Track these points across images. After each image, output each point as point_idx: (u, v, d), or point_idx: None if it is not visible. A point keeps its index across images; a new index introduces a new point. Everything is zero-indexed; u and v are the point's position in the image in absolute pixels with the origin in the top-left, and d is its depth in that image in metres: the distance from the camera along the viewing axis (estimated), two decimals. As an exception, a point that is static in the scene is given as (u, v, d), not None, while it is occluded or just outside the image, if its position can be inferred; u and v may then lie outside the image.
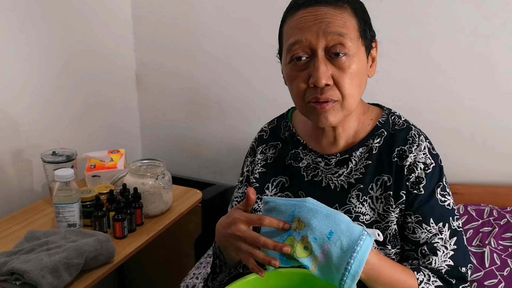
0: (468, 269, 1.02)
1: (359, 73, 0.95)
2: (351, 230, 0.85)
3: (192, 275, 1.74)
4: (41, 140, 1.82)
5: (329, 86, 0.93)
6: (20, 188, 1.76)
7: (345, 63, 0.93)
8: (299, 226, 0.87)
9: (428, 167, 1.01)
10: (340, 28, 0.92)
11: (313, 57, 0.94)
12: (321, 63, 0.92)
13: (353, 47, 0.93)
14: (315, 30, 0.92)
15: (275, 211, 0.90)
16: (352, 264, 0.83)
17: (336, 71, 0.93)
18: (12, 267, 1.20)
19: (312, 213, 0.87)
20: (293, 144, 1.12)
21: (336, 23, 0.92)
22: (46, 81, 1.83)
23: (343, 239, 0.84)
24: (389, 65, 1.84)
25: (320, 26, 0.92)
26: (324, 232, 0.85)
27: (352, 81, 0.94)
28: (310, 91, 0.95)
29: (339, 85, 0.94)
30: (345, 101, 0.95)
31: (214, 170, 2.33)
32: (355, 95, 0.96)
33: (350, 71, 0.93)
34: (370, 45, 1.00)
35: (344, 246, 0.84)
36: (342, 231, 0.85)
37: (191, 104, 2.29)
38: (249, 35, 2.07)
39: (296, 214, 0.87)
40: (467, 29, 1.74)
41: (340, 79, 0.93)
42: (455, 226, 1.01)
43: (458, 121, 1.84)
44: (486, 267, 1.54)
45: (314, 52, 0.93)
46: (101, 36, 2.09)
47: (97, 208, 1.49)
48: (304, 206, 0.88)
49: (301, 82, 0.96)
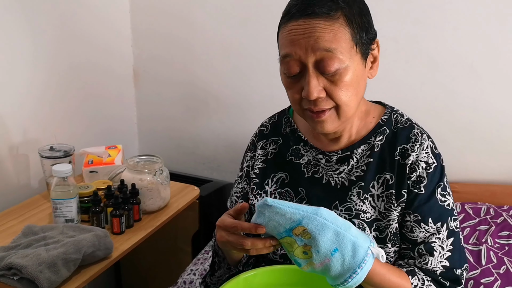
0: (463, 270, 1.02)
1: (354, 82, 0.93)
2: (356, 250, 0.84)
3: (189, 271, 1.74)
4: (38, 134, 1.81)
5: (321, 98, 0.92)
6: (17, 183, 1.75)
7: (335, 77, 0.91)
8: (303, 234, 0.84)
9: (430, 166, 1.00)
10: (329, 43, 0.88)
11: (304, 71, 0.92)
12: (311, 78, 0.91)
13: (345, 59, 0.90)
14: (304, 44, 0.89)
15: (278, 215, 0.85)
16: (349, 282, 0.84)
17: (328, 84, 0.92)
18: (9, 262, 1.20)
19: (321, 228, 0.83)
20: (294, 140, 1.11)
21: (325, 37, 0.88)
22: (43, 76, 1.82)
23: (346, 258, 0.84)
24: (388, 64, 1.84)
25: (309, 41, 0.89)
26: (329, 249, 0.83)
27: (347, 91, 0.93)
28: (304, 101, 0.95)
29: (333, 97, 0.93)
30: (340, 109, 0.94)
31: (211, 167, 2.33)
32: (351, 103, 0.94)
33: (342, 83, 0.91)
34: (368, 48, 0.96)
35: (346, 265, 0.84)
36: (347, 251, 0.84)
37: (189, 100, 2.28)
38: (248, 32, 2.06)
39: (304, 224, 0.84)
40: (466, 27, 1.74)
41: (333, 92, 0.92)
42: (453, 227, 1.01)
43: (456, 119, 1.84)
44: (483, 265, 1.55)
45: (304, 66, 0.92)
46: (98, 30, 2.08)
47: (95, 203, 1.49)
48: (315, 219, 0.83)
49: (295, 93, 0.96)
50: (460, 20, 1.74)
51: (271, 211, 0.86)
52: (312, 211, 0.85)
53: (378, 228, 1.01)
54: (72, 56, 1.95)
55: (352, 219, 1.01)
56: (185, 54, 2.22)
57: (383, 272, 0.92)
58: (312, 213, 0.84)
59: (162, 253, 2.09)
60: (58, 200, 1.44)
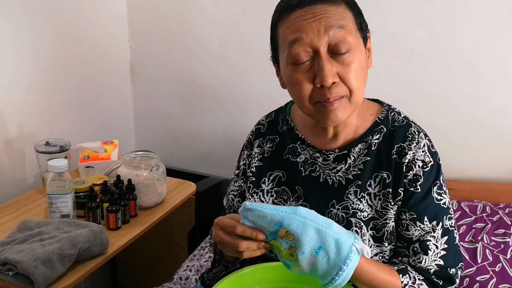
0: (458, 269, 1.02)
1: (362, 65, 0.95)
2: (340, 247, 0.85)
3: (185, 267, 1.74)
4: (34, 129, 1.80)
5: (335, 83, 0.92)
6: (12, 178, 1.74)
7: (348, 59, 0.92)
8: (287, 236, 0.85)
9: (426, 165, 1.00)
10: (340, 20, 0.92)
11: (316, 57, 0.92)
12: (325, 62, 0.91)
13: (354, 40, 0.93)
14: (315, 26, 0.91)
15: (259, 218, 0.86)
16: (337, 280, 0.85)
17: (341, 68, 0.92)
18: (4, 258, 1.20)
19: (302, 227, 0.85)
20: (291, 139, 1.10)
21: (335, 16, 0.91)
22: (39, 71, 1.81)
23: (330, 256, 0.84)
24: (386, 61, 1.84)
25: (320, 21, 0.91)
26: (313, 247, 0.85)
27: (357, 74, 0.94)
28: (317, 92, 0.94)
29: (346, 81, 0.93)
30: (353, 95, 0.94)
31: (208, 162, 2.33)
32: (361, 88, 0.96)
33: (354, 65, 0.93)
34: (366, 36, 0.99)
35: (331, 263, 0.85)
36: (331, 248, 0.84)
37: (186, 95, 2.28)
38: (245, 27, 2.06)
39: (285, 225, 0.85)
40: (464, 25, 1.74)
41: (346, 75, 0.92)
42: (448, 225, 1.01)
43: (453, 117, 1.84)
44: (478, 262, 1.55)
45: (316, 51, 0.92)
46: (95, 26, 2.07)
47: (91, 199, 1.48)
48: (295, 219, 0.85)
49: (306, 84, 0.94)
50: (458, 17, 1.74)
51: (252, 215, 0.87)
52: (291, 211, 0.86)
53: (375, 227, 1.01)
54: (69, 52, 1.94)
55: (349, 217, 1.01)
56: (182, 50, 2.21)
57: (372, 270, 0.92)
58: (291, 212, 0.86)
59: (158, 249, 2.09)
60: (53, 195, 1.43)
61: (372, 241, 1.01)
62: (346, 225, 1.01)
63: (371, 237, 1.01)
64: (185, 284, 1.67)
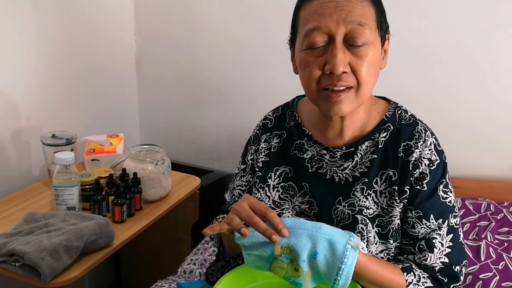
0: (462, 266, 1.02)
1: (375, 62, 0.95)
2: (334, 248, 0.85)
3: (189, 261, 1.75)
4: (40, 122, 1.81)
5: (345, 73, 0.93)
6: (18, 170, 1.75)
7: (363, 51, 0.92)
8: (284, 251, 0.86)
9: (432, 163, 1.00)
10: (360, 17, 0.92)
11: (331, 44, 0.93)
12: (339, 50, 0.91)
13: (371, 36, 0.93)
14: (336, 17, 0.91)
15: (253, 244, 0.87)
16: (340, 280, 0.85)
17: (354, 59, 0.93)
18: (11, 249, 1.21)
19: (294, 237, 0.85)
20: (298, 135, 1.10)
21: (356, 12, 0.92)
22: (45, 63, 1.82)
23: (328, 257, 0.85)
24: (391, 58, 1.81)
25: (341, 14, 0.91)
26: (310, 253, 0.85)
27: (369, 69, 0.94)
28: (325, 78, 0.94)
29: (356, 72, 0.93)
30: (360, 89, 0.94)
31: (212, 157, 2.33)
32: (370, 84, 0.96)
33: (367, 59, 0.93)
34: (384, 36, 0.99)
35: (330, 264, 0.85)
36: (326, 250, 0.85)
37: (191, 90, 2.28)
38: (251, 23, 2.05)
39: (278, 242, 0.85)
40: (471, 22, 1.73)
41: (357, 66, 0.93)
42: (453, 223, 1.01)
43: (457, 115, 1.84)
44: (482, 260, 1.55)
45: (332, 38, 0.92)
46: (101, 18, 2.07)
47: (97, 192, 1.49)
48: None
49: (316, 68, 0.94)
50: (465, 15, 1.73)
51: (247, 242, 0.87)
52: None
53: (381, 224, 1.01)
54: (76, 46, 1.94)
55: (355, 214, 1.01)
56: (188, 45, 2.21)
57: (376, 269, 0.92)
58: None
59: (162, 243, 2.10)
60: (60, 187, 1.44)
61: (377, 238, 1.01)
62: (352, 222, 1.01)
63: (376, 234, 1.01)
64: (189, 277, 1.68)
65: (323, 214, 1.04)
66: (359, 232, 1.01)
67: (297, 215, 1.07)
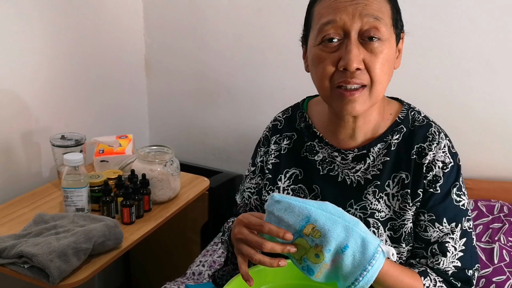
0: (474, 270, 1.01)
1: (390, 60, 0.93)
2: (366, 246, 0.82)
3: (198, 263, 1.74)
4: (49, 123, 1.81)
5: (359, 70, 0.90)
6: (28, 171, 1.76)
7: (377, 48, 0.90)
8: (313, 233, 0.82)
9: (446, 166, 0.98)
10: (377, 11, 0.90)
11: (345, 39, 0.91)
12: (353, 46, 0.89)
13: (387, 32, 0.91)
14: (351, 11, 0.89)
15: (286, 212, 0.83)
16: (360, 281, 0.82)
17: (368, 55, 0.90)
18: (20, 250, 1.21)
19: (330, 223, 0.81)
20: (309, 136, 1.08)
21: (373, 6, 0.90)
22: (55, 64, 1.82)
23: (356, 255, 0.82)
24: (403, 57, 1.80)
25: (357, 7, 0.89)
26: (340, 245, 0.82)
27: (383, 66, 0.92)
28: (338, 74, 0.92)
29: (370, 70, 0.91)
30: (373, 87, 0.92)
31: (221, 158, 2.32)
32: (383, 82, 0.93)
33: (382, 56, 0.91)
34: (399, 35, 0.98)
35: (356, 262, 0.82)
36: (357, 247, 0.82)
37: (200, 90, 2.27)
38: (260, 23, 2.04)
39: (312, 221, 0.82)
40: (483, 21, 1.71)
41: (372, 63, 0.91)
42: (466, 227, 1.00)
43: (470, 115, 1.81)
44: (495, 263, 1.53)
45: (347, 34, 0.90)
46: (111, 20, 2.07)
47: (106, 193, 1.49)
48: (322, 214, 0.82)
49: (329, 64, 0.92)
50: (477, 13, 1.71)
51: (280, 208, 0.84)
52: (318, 206, 0.83)
53: (393, 228, 1.00)
54: (85, 46, 1.95)
55: (367, 218, 1.00)
56: (197, 45, 2.20)
57: (397, 274, 0.90)
58: (319, 208, 0.83)
59: (171, 244, 2.09)
60: (69, 189, 1.44)
61: (389, 242, 1.00)
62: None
63: (388, 237, 1.00)
64: (197, 279, 1.67)
65: None
66: None
67: None
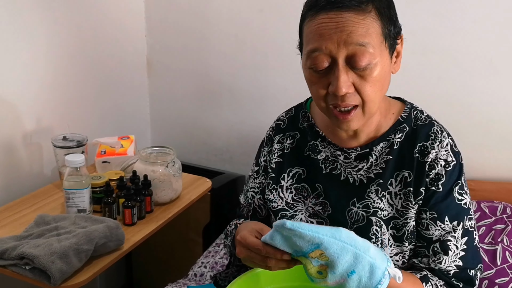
0: (477, 270, 1.00)
1: (381, 78, 0.92)
2: (374, 272, 0.82)
3: (200, 264, 1.74)
4: (51, 124, 1.81)
5: (350, 93, 0.90)
6: (30, 172, 1.76)
7: (366, 72, 0.89)
8: (320, 257, 0.82)
9: (449, 164, 0.99)
10: (362, 37, 0.87)
11: (334, 65, 0.90)
12: (341, 73, 0.89)
13: (376, 54, 0.89)
14: (336, 39, 0.87)
15: (296, 237, 0.82)
16: None
17: (357, 79, 0.90)
18: (22, 252, 1.20)
19: (340, 251, 0.81)
20: (312, 135, 1.09)
21: (358, 32, 0.87)
22: (56, 66, 1.82)
23: (362, 279, 0.82)
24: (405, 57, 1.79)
25: (341, 35, 0.87)
26: (347, 271, 0.82)
27: (374, 87, 0.91)
28: (330, 97, 0.92)
29: (360, 92, 0.91)
30: (366, 106, 0.92)
31: (224, 159, 2.32)
32: (376, 99, 0.93)
33: (371, 79, 0.90)
34: (394, 43, 0.95)
35: (361, 286, 0.82)
36: (364, 272, 0.82)
37: (202, 91, 2.27)
38: (262, 23, 2.04)
39: (322, 248, 0.81)
40: (486, 21, 1.70)
41: (361, 87, 0.90)
42: (468, 226, 0.99)
43: (473, 116, 1.81)
44: (498, 265, 1.52)
45: (334, 60, 0.89)
46: (113, 20, 2.07)
47: (107, 194, 1.49)
48: (334, 243, 0.81)
49: (321, 88, 0.93)
50: (480, 13, 1.70)
51: (289, 233, 0.83)
52: (331, 235, 0.82)
53: (395, 226, 1.00)
54: (87, 46, 1.95)
55: (369, 216, 1.00)
56: (199, 45, 2.20)
57: (398, 285, 0.90)
58: (331, 236, 0.82)
59: (173, 245, 2.09)
60: (70, 190, 1.44)
61: (392, 241, 1.00)
62: (366, 224, 1.00)
63: (391, 236, 1.00)
64: (199, 280, 1.67)
65: (337, 216, 1.03)
66: (373, 234, 0.99)
67: (310, 217, 1.06)
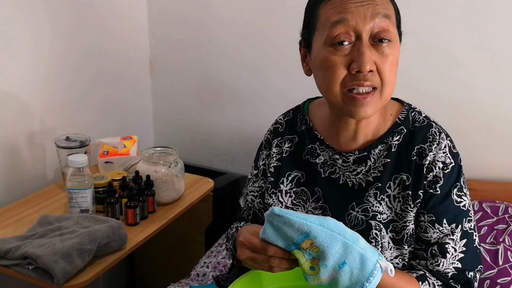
0: (476, 272, 1.00)
1: (397, 61, 0.94)
2: (364, 263, 0.82)
3: (202, 264, 1.74)
4: (54, 124, 1.82)
5: (371, 72, 0.91)
6: (33, 172, 1.76)
7: (387, 50, 0.91)
8: (311, 248, 0.83)
9: (447, 166, 0.98)
10: (387, 10, 0.92)
11: (357, 42, 0.91)
12: (366, 48, 0.90)
13: (394, 33, 0.93)
14: (363, 11, 0.90)
15: (285, 225, 0.84)
16: None
17: (379, 57, 0.91)
18: (25, 252, 1.21)
19: (329, 240, 0.82)
20: (310, 139, 1.08)
21: (382, 6, 0.91)
22: (59, 66, 1.83)
23: (354, 271, 0.82)
24: (406, 58, 1.80)
25: (368, 8, 0.90)
26: (337, 262, 0.82)
27: (392, 68, 0.93)
28: (351, 77, 0.92)
29: (381, 72, 0.92)
30: (384, 89, 0.93)
31: (226, 159, 2.33)
32: (393, 83, 0.94)
33: (391, 57, 0.92)
34: (401, 35, 0.99)
35: (353, 279, 0.82)
36: (355, 264, 0.82)
37: (204, 92, 2.28)
38: (264, 24, 2.05)
39: (312, 237, 0.82)
40: (487, 21, 1.70)
41: (382, 66, 0.91)
42: (467, 228, 0.99)
43: (474, 115, 1.81)
44: (500, 264, 1.52)
45: (358, 36, 0.91)
46: (115, 20, 2.08)
47: (110, 194, 1.49)
48: (323, 231, 0.82)
49: (341, 67, 0.92)
50: (482, 13, 1.70)
51: (279, 221, 0.84)
52: (319, 222, 0.83)
53: (395, 229, 0.99)
54: (89, 47, 1.95)
55: (368, 220, 1.00)
56: (201, 47, 2.21)
57: (393, 281, 0.91)
58: (319, 224, 0.83)
59: (175, 245, 2.10)
60: (73, 190, 1.44)
61: (391, 244, 0.99)
62: (365, 227, 0.99)
63: (390, 239, 0.99)
64: (202, 280, 1.68)
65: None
66: (373, 238, 0.99)
67: None
